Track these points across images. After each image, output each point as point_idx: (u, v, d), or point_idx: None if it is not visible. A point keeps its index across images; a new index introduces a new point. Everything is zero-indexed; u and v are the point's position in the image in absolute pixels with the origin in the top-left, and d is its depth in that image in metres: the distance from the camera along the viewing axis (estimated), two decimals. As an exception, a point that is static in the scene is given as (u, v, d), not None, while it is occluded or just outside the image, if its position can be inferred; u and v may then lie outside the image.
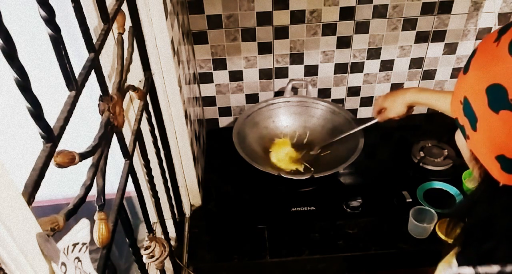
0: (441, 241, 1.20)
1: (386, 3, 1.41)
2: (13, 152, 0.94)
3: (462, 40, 1.53)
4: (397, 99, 1.18)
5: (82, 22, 0.60)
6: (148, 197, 1.03)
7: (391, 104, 1.20)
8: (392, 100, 1.19)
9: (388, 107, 1.21)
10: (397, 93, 1.19)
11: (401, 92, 1.18)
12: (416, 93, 1.15)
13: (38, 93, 0.44)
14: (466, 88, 0.52)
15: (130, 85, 0.84)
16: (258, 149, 1.49)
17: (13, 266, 0.37)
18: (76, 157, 0.52)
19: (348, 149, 1.37)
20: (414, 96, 1.15)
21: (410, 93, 1.16)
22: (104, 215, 0.61)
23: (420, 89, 1.17)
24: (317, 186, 1.41)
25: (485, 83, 0.48)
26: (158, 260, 0.90)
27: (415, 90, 1.16)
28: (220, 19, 1.41)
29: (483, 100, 0.48)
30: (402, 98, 1.17)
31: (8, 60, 0.40)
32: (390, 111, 1.21)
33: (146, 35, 0.92)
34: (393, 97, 1.20)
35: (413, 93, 1.15)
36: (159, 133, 1.07)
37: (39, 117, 0.45)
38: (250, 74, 1.56)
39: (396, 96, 1.19)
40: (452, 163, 1.45)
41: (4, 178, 0.36)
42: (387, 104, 1.21)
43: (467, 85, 0.52)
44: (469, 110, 0.51)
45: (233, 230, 1.30)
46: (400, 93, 1.18)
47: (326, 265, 1.23)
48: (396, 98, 1.18)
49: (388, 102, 1.20)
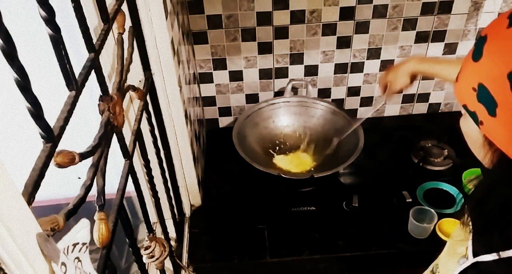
0: (441, 241, 1.20)
1: (386, 3, 1.41)
2: (13, 152, 0.94)
3: (462, 40, 1.53)
4: (399, 71, 1.17)
5: (82, 22, 0.60)
6: (148, 197, 1.03)
7: (394, 76, 1.19)
8: (394, 73, 1.19)
9: (391, 80, 1.20)
10: (398, 65, 1.18)
11: (402, 63, 1.18)
12: (418, 62, 1.14)
13: (38, 93, 0.44)
14: (482, 75, 0.52)
15: (130, 85, 0.84)
16: (258, 149, 1.49)
17: (13, 266, 0.37)
18: (76, 157, 0.52)
19: (348, 149, 1.37)
20: (416, 66, 1.14)
21: (411, 63, 1.15)
22: (104, 215, 0.61)
23: (421, 58, 1.17)
24: (317, 186, 1.41)
25: (506, 69, 0.49)
26: (158, 260, 0.90)
27: (416, 59, 1.15)
28: (220, 19, 1.41)
29: (505, 85, 0.49)
30: (405, 68, 1.16)
31: (8, 60, 0.40)
32: (394, 84, 1.20)
33: (146, 35, 0.92)
34: (395, 69, 1.19)
35: (414, 62, 1.15)
36: (159, 133, 1.07)
37: (39, 117, 0.45)
38: (250, 74, 1.56)
39: (398, 68, 1.18)
40: (452, 163, 1.45)
41: (4, 178, 0.36)
42: (391, 78, 1.20)
43: (483, 72, 0.52)
44: (487, 96, 0.51)
45: (233, 230, 1.30)
46: (402, 64, 1.17)
47: (326, 265, 1.23)
48: (398, 70, 1.18)
49: (391, 76, 1.19)
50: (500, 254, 0.57)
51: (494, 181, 0.57)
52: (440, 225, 1.22)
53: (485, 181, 0.59)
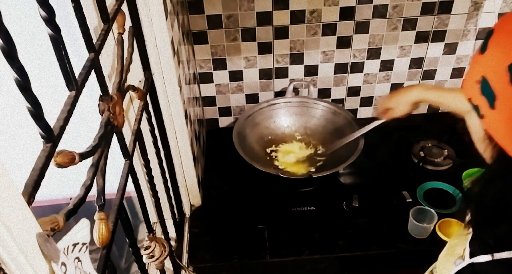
0: (441, 241, 1.20)
1: (386, 3, 1.41)
2: (13, 152, 0.94)
3: (462, 40, 1.53)
4: (402, 99, 1.16)
5: (82, 22, 0.60)
6: (148, 197, 1.03)
7: (396, 104, 1.18)
8: (397, 100, 1.17)
9: (393, 107, 1.19)
10: (402, 93, 1.17)
11: (405, 92, 1.16)
12: (422, 92, 1.12)
13: (38, 93, 0.44)
14: (485, 67, 0.52)
15: (130, 85, 0.84)
16: (258, 149, 1.49)
17: (13, 266, 0.37)
18: (76, 157, 0.52)
19: (348, 149, 1.37)
20: (420, 95, 1.12)
21: (415, 92, 1.13)
22: (104, 215, 0.61)
23: (426, 87, 1.14)
24: (317, 186, 1.41)
25: (507, 62, 0.49)
26: (158, 260, 0.90)
27: (421, 88, 1.13)
28: (220, 19, 1.41)
29: (504, 78, 0.49)
30: (408, 97, 1.14)
31: (8, 60, 0.40)
32: (395, 111, 1.19)
33: (146, 35, 0.92)
34: (398, 97, 1.17)
35: (419, 92, 1.13)
36: (159, 134, 1.07)
37: (39, 117, 0.45)
38: (250, 74, 1.56)
39: (401, 96, 1.16)
40: (452, 163, 1.45)
41: (4, 178, 0.36)
42: (392, 104, 1.19)
43: (486, 65, 0.52)
44: (488, 89, 0.51)
45: (233, 230, 1.30)
46: (405, 93, 1.15)
47: (326, 265, 1.23)
48: (401, 98, 1.16)
49: (393, 102, 1.18)
50: (494, 256, 0.57)
51: (492, 175, 0.57)
52: (440, 225, 1.22)
53: (483, 175, 0.59)
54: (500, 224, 0.56)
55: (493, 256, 0.57)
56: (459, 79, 1.64)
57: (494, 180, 0.57)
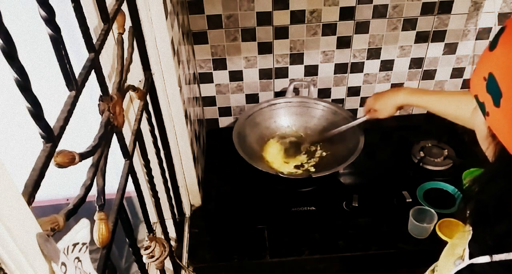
0: (441, 241, 1.20)
1: (386, 3, 1.41)
2: (13, 152, 0.94)
3: (462, 40, 1.53)
4: (388, 101, 1.18)
5: (82, 22, 0.60)
6: (148, 197, 1.03)
7: (382, 106, 1.20)
8: (382, 102, 1.19)
9: (378, 109, 1.22)
10: (388, 95, 1.18)
11: (391, 94, 1.17)
12: (408, 95, 1.14)
13: (38, 93, 0.44)
14: (493, 64, 0.52)
15: (130, 85, 0.84)
16: (258, 149, 1.49)
17: (13, 266, 0.37)
18: (76, 157, 0.52)
19: (348, 149, 1.37)
20: (406, 99, 1.14)
21: (401, 96, 1.15)
22: (104, 215, 0.61)
23: (411, 90, 1.15)
24: (317, 186, 1.41)
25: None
26: (158, 260, 0.90)
27: (406, 92, 1.15)
28: (220, 19, 1.41)
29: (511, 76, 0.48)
30: (393, 100, 1.17)
31: (8, 60, 0.40)
32: (380, 113, 1.22)
33: (146, 35, 0.92)
34: (383, 99, 1.19)
35: (404, 95, 1.14)
36: (159, 133, 1.07)
37: (39, 117, 0.45)
38: (250, 74, 1.56)
39: (387, 98, 1.18)
40: (452, 163, 1.45)
41: (4, 178, 0.36)
42: (378, 106, 1.21)
43: (494, 62, 0.52)
44: (494, 86, 0.51)
45: (233, 230, 1.30)
46: (391, 95, 1.17)
47: (326, 265, 1.23)
48: (387, 101, 1.18)
49: (379, 105, 1.21)
50: (493, 257, 0.57)
51: (493, 174, 0.57)
52: (440, 225, 1.22)
53: (484, 173, 0.59)
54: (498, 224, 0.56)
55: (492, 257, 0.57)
56: (459, 79, 1.64)
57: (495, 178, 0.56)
